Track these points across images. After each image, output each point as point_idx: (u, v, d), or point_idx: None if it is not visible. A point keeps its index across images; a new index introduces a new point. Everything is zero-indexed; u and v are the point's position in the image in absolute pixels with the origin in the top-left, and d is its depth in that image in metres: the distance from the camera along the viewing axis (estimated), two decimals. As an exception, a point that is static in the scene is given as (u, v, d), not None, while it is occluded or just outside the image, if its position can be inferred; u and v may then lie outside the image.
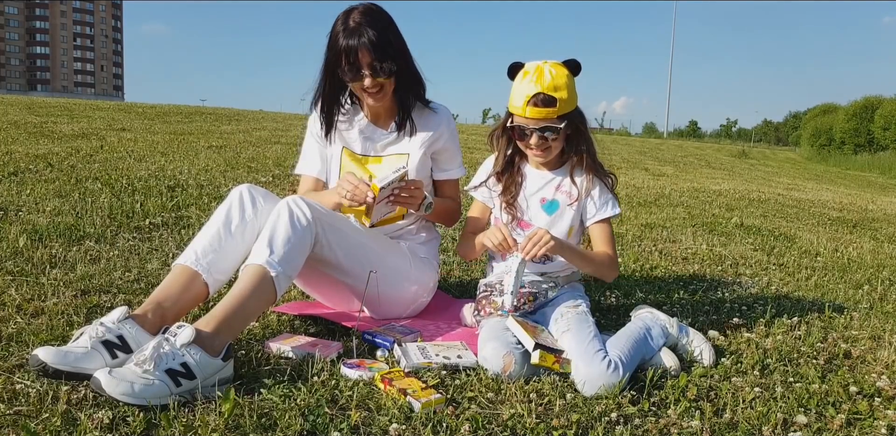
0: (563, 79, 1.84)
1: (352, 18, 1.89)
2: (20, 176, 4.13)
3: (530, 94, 1.82)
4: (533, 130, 1.87)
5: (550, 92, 1.81)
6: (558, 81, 1.82)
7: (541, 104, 1.82)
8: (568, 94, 1.84)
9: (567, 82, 1.84)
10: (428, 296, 2.14)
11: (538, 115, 1.83)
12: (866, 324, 2.32)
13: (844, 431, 1.50)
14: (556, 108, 1.83)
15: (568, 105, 1.85)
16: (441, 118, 2.12)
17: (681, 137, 59.23)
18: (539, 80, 1.82)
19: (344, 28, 1.89)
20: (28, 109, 9.98)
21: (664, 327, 1.89)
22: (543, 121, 1.84)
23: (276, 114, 16.27)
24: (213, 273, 1.75)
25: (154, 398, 1.37)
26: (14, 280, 2.17)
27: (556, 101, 1.82)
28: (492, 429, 1.40)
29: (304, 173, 2.18)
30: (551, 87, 1.81)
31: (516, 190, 2.00)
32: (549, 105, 1.82)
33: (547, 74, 1.82)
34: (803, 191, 8.36)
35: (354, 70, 1.91)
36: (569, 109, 1.87)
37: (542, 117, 1.84)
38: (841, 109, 27.79)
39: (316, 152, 2.16)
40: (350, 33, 1.87)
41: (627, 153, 14.03)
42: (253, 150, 6.78)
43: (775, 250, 3.71)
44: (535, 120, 1.85)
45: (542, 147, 1.90)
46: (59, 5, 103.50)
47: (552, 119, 1.84)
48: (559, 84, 1.82)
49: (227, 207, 1.84)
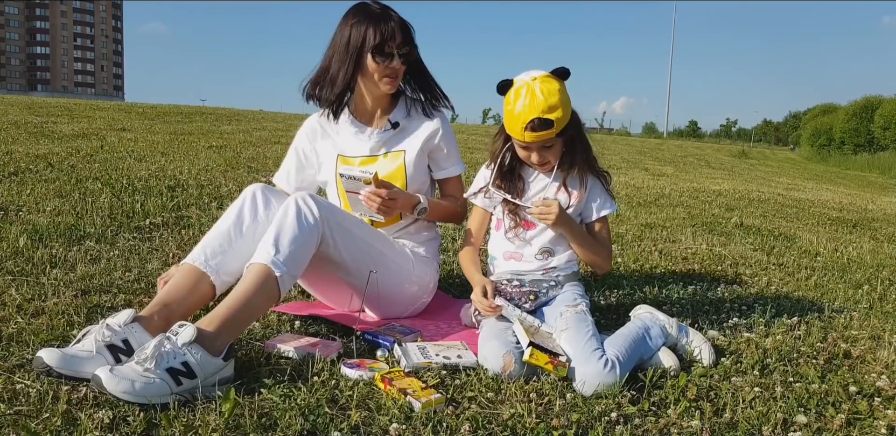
0: (556, 96, 1.79)
1: (371, 7, 1.96)
2: (20, 176, 4.13)
3: (526, 120, 1.80)
4: (534, 150, 1.89)
5: (546, 115, 1.78)
6: (552, 100, 1.78)
7: (538, 128, 1.81)
8: (563, 110, 1.81)
9: (560, 98, 1.80)
10: (428, 296, 2.14)
11: (537, 139, 1.84)
12: (866, 324, 2.32)
13: (844, 431, 1.50)
14: (553, 128, 1.82)
15: (564, 121, 1.84)
16: (436, 116, 2.13)
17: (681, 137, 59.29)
18: (532, 102, 1.78)
19: (370, 14, 1.94)
20: (28, 109, 9.98)
21: (663, 327, 1.90)
22: (542, 142, 1.86)
23: (276, 114, 16.27)
24: (222, 275, 1.75)
25: (154, 397, 1.37)
26: (14, 280, 2.18)
27: (552, 123, 1.80)
28: (492, 429, 1.40)
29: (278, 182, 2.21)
30: (546, 109, 1.78)
31: (519, 196, 2.01)
32: (546, 127, 1.81)
33: (539, 94, 1.78)
34: (803, 191, 8.36)
35: (387, 51, 1.93)
36: (563, 125, 1.85)
37: (541, 140, 1.85)
38: (841, 109, 27.82)
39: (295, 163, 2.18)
40: (379, 17, 1.93)
41: (627, 153, 14.02)
42: (253, 150, 6.78)
43: (775, 250, 3.71)
44: (534, 143, 1.86)
45: (543, 163, 1.93)
46: (59, 5, 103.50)
47: (551, 139, 1.86)
48: (553, 103, 1.78)
49: (239, 206, 1.84)
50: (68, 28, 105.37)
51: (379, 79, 1.98)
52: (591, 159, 2.02)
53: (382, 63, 1.95)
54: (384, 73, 1.97)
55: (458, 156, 2.20)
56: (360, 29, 1.93)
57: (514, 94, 1.83)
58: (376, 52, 1.93)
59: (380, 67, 1.95)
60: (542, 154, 1.90)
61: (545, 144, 1.88)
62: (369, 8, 1.97)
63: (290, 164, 2.19)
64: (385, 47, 1.93)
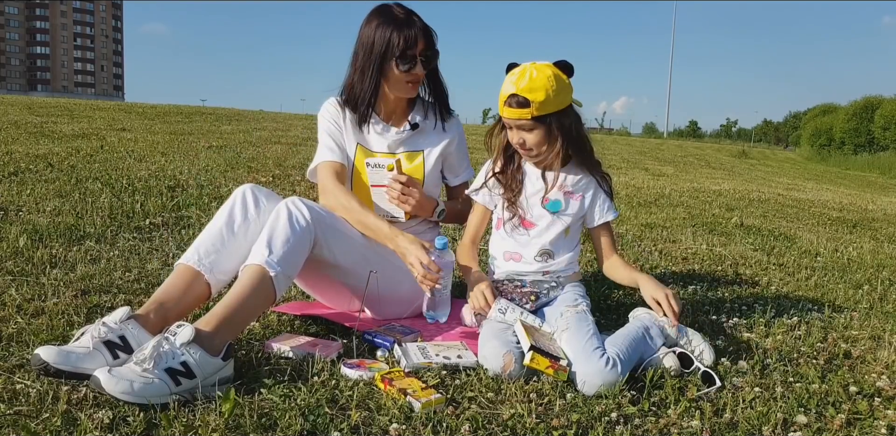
0: (543, 81, 1.82)
1: (395, 11, 1.96)
2: (20, 176, 4.13)
3: (506, 95, 1.85)
4: (514, 128, 1.92)
5: (524, 93, 1.82)
6: (536, 83, 1.81)
7: (515, 105, 1.85)
8: (545, 95, 1.82)
9: (546, 84, 1.81)
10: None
11: (512, 115, 1.87)
12: (866, 324, 2.32)
13: (844, 431, 1.50)
14: (530, 108, 1.84)
15: (546, 106, 1.84)
16: (452, 122, 2.17)
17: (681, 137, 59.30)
18: (518, 81, 1.84)
19: (394, 18, 1.94)
20: (28, 109, 9.98)
21: (663, 328, 1.90)
22: (517, 121, 1.88)
23: (276, 114, 16.27)
24: (216, 273, 1.75)
25: (153, 397, 1.37)
26: (14, 280, 2.18)
27: (529, 103, 1.83)
28: (492, 429, 1.40)
29: (325, 159, 2.07)
30: (527, 89, 1.82)
31: (518, 187, 2.01)
32: (522, 106, 1.84)
33: (527, 76, 1.83)
34: (803, 191, 8.36)
35: (410, 57, 1.94)
36: (547, 111, 1.85)
37: (516, 118, 1.87)
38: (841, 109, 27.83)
39: (332, 142, 2.08)
40: (403, 23, 1.93)
41: (627, 153, 14.03)
42: (253, 150, 6.78)
43: (775, 250, 3.71)
44: (511, 120, 1.89)
45: (522, 146, 1.93)
46: (59, 5, 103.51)
47: (526, 120, 1.87)
48: (536, 86, 1.81)
49: (229, 206, 1.84)
50: (68, 28, 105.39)
51: (402, 84, 2.00)
52: (590, 157, 2.01)
53: (406, 69, 1.96)
54: (407, 78, 1.98)
55: (468, 162, 2.25)
56: (383, 34, 1.93)
57: (510, 74, 1.89)
58: (400, 59, 1.94)
59: (403, 74, 1.97)
60: (521, 136, 1.91)
61: (522, 126, 1.90)
62: (392, 11, 1.96)
63: (328, 140, 2.09)
64: (408, 53, 1.94)
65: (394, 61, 1.95)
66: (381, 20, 1.95)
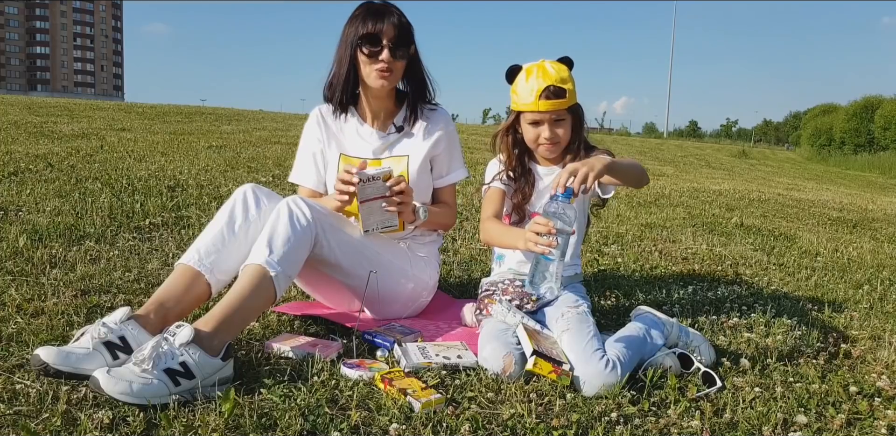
0: (566, 72, 1.93)
1: (374, 5, 1.98)
2: (20, 176, 4.13)
3: (541, 88, 1.88)
4: (546, 123, 1.93)
5: (559, 84, 1.89)
6: (563, 74, 1.91)
7: (552, 96, 1.89)
8: (572, 86, 1.92)
9: (569, 75, 1.93)
10: (428, 296, 2.14)
11: (551, 107, 1.89)
12: (866, 324, 2.32)
13: (844, 431, 1.50)
14: (566, 98, 1.90)
15: (573, 96, 1.94)
16: (439, 120, 2.12)
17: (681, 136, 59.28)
18: (545, 75, 1.89)
19: (368, 8, 1.96)
20: (28, 109, 9.98)
21: (663, 328, 1.89)
22: (555, 113, 1.91)
23: (276, 114, 16.27)
24: (216, 273, 1.75)
25: (153, 398, 1.37)
26: (14, 280, 2.17)
27: (566, 92, 1.89)
28: (492, 429, 1.40)
29: (300, 184, 2.15)
30: (559, 80, 1.89)
31: (529, 191, 2.01)
32: (560, 96, 1.89)
33: (550, 69, 1.90)
34: (803, 191, 8.36)
35: (376, 44, 1.93)
36: (574, 101, 1.95)
37: (555, 109, 1.90)
38: (841, 109, 27.82)
39: (311, 162, 2.12)
40: (376, 12, 1.95)
41: (627, 153, 14.02)
42: (253, 150, 6.78)
43: (775, 250, 3.70)
44: (548, 112, 1.90)
45: (554, 140, 1.95)
46: (59, 5, 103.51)
47: (563, 110, 1.92)
48: (564, 77, 1.91)
49: (230, 206, 1.84)
50: (68, 28, 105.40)
51: (373, 73, 1.97)
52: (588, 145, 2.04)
53: (369, 54, 1.94)
54: (376, 66, 1.95)
55: (460, 161, 2.19)
56: (355, 22, 1.95)
57: (525, 73, 1.93)
58: (366, 43, 1.93)
59: (369, 60, 1.95)
60: (554, 130, 1.94)
61: (558, 117, 1.93)
62: (372, 5, 1.98)
63: (307, 159, 2.13)
64: (375, 38, 1.93)
65: (362, 46, 1.94)
66: (358, 12, 1.98)
